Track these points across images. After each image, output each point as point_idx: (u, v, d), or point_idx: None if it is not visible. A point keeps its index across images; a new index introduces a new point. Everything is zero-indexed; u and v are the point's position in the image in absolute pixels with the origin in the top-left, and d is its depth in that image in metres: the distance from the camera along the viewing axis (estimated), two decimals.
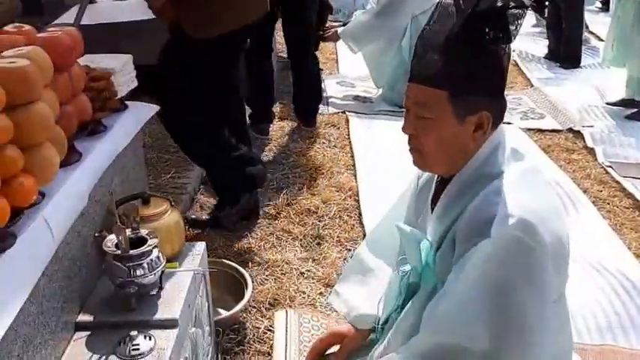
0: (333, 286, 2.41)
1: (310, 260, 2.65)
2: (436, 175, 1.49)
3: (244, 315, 2.25)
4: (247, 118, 4.09)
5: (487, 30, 1.25)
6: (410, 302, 1.49)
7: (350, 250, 2.71)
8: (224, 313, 2.16)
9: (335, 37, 4.47)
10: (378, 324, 1.63)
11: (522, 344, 1.24)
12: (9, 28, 1.59)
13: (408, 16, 4.18)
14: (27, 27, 1.61)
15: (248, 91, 4.06)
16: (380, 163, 3.47)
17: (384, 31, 4.23)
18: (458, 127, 1.32)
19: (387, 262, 1.71)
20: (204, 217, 2.94)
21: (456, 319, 1.28)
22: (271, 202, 3.14)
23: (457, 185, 1.38)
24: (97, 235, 1.71)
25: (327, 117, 4.36)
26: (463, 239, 1.32)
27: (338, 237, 2.83)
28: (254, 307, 2.31)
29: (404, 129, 1.40)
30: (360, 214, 3.00)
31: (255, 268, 2.58)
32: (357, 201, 3.13)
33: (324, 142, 3.98)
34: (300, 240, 2.81)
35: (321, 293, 2.43)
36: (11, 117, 1.24)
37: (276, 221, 2.98)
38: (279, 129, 4.16)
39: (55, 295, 1.46)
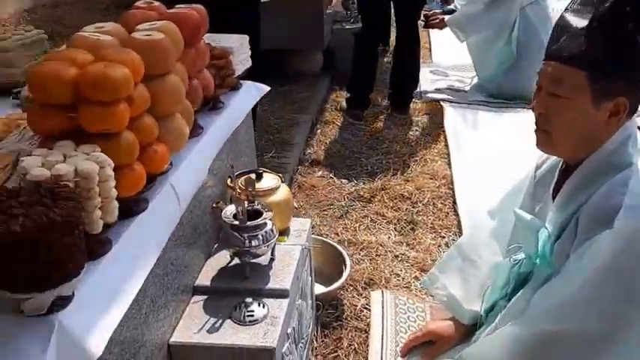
0: (427, 271, 2.37)
1: (404, 244, 2.61)
2: (560, 164, 1.42)
3: (341, 292, 2.25)
4: (344, 103, 4.10)
5: (633, 17, 1.17)
6: (521, 290, 1.43)
7: (444, 237, 2.65)
8: (323, 289, 2.17)
9: (441, 25, 4.35)
10: (481, 311, 1.59)
11: None
12: (140, 3, 1.64)
13: (517, 7, 4.02)
14: (156, 3, 1.65)
15: (350, 75, 4.05)
16: (476, 153, 3.37)
17: (493, 22, 4.08)
18: (592, 110, 1.25)
19: (490, 253, 1.66)
20: None
21: (569, 305, 1.25)
22: (365, 186, 3.12)
23: (583, 173, 1.31)
24: (214, 205, 1.74)
25: (420, 105, 4.27)
26: (585, 228, 1.26)
27: (432, 224, 2.77)
28: (350, 285, 2.30)
29: (534, 107, 1.33)
30: (454, 202, 2.93)
31: (351, 248, 2.57)
32: (451, 189, 3.05)
33: (416, 130, 3.91)
34: (394, 224, 2.78)
35: (415, 277, 2.39)
36: (147, 87, 1.27)
37: (371, 204, 2.96)
38: (372, 115, 4.11)
39: (178, 259, 1.50)
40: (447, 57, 5.26)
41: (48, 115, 1.13)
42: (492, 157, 3.28)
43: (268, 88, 2.25)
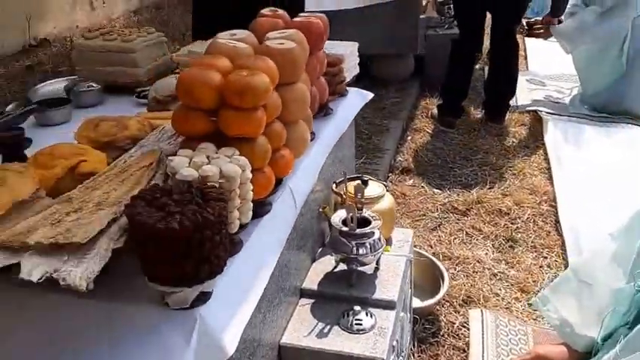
0: (528, 292, 2.38)
1: (503, 262, 2.62)
2: None
3: (438, 308, 2.29)
4: (436, 110, 4.13)
5: None
6: None
7: (546, 257, 2.65)
8: (420, 303, 2.21)
9: (546, 35, 4.30)
10: (597, 338, 1.59)
11: None
12: (265, 11, 1.74)
13: (631, 18, 3.93)
14: (280, 11, 1.75)
15: (444, 81, 4.08)
16: (579, 169, 3.33)
17: (605, 33, 4.00)
18: None
19: (610, 277, 1.65)
20: None
21: None
22: (460, 198, 3.15)
23: None
24: (320, 209, 1.83)
25: (516, 115, 4.24)
26: None
27: (533, 242, 2.77)
28: (447, 302, 2.34)
29: None
30: (556, 221, 2.91)
31: (446, 262, 2.60)
32: (554, 207, 3.03)
33: (513, 141, 3.89)
34: (492, 240, 2.79)
35: (516, 298, 2.40)
36: (279, 94, 1.37)
37: (466, 217, 2.98)
38: (464, 124, 4.12)
39: (290, 261, 1.60)
40: (544, 66, 5.20)
41: (192, 118, 1.24)
42: (599, 175, 3.23)
43: (372, 95, 2.32)
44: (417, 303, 2.20)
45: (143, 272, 1.03)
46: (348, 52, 2.08)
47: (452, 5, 4.31)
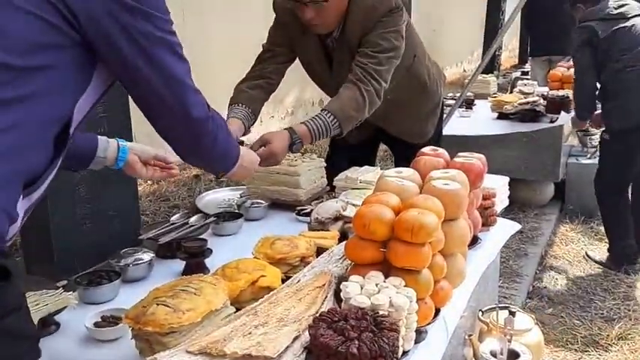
0: None
1: None
2: None
3: None
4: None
5: None
6: None
7: None
8: None
9: None
10: None
11: None
12: (426, 150, 1.85)
13: None
14: (440, 150, 1.85)
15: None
16: None
17: None
18: None
19: None
20: None
21: None
22: (602, 333, 2.97)
23: None
24: (467, 337, 1.82)
25: None
26: None
27: None
28: None
29: None
30: None
31: None
32: None
33: None
34: None
35: None
36: (442, 230, 1.44)
37: (607, 353, 2.80)
38: None
39: None
40: None
41: (365, 248, 1.34)
42: None
43: (519, 227, 2.32)
44: None
45: None
46: (500, 186, 2.13)
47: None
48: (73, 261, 1.85)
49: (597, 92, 3.65)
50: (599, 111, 3.73)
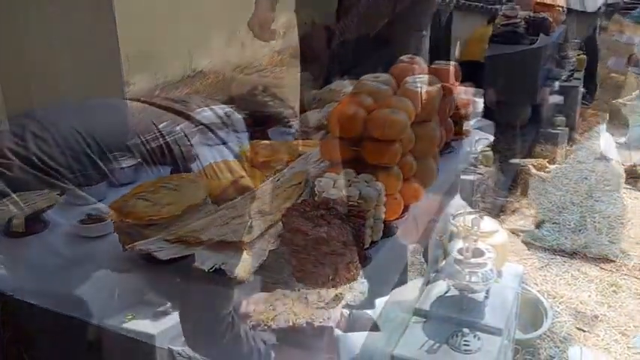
0: (628, 336, 2.27)
1: (605, 305, 2.50)
2: None
3: (539, 341, 2.23)
4: None
5: None
6: None
7: None
8: (522, 335, 2.16)
9: None
10: None
11: None
12: (404, 58, 1.81)
13: None
14: (417, 58, 1.81)
15: None
16: None
17: None
18: None
19: None
20: None
21: None
22: (568, 242, 3.03)
23: None
24: (438, 238, 1.86)
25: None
26: None
27: (636, 289, 2.61)
28: (548, 337, 2.27)
29: None
30: None
31: (550, 300, 2.52)
32: None
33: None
34: (596, 284, 2.67)
35: (616, 340, 2.28)
36: (413, 131, 1.43)
37: (572, 260, 2.87)
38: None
39: (404, 282, 1.64)
40: None
41: (339, 147, 1.33)
42: None
43: (492, 138, 2.32)
44: (519, 335, 2.15)
45: (292, 273, 1.12)
46: (474, 98, 2.10)
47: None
48: None
49: None
50: None
